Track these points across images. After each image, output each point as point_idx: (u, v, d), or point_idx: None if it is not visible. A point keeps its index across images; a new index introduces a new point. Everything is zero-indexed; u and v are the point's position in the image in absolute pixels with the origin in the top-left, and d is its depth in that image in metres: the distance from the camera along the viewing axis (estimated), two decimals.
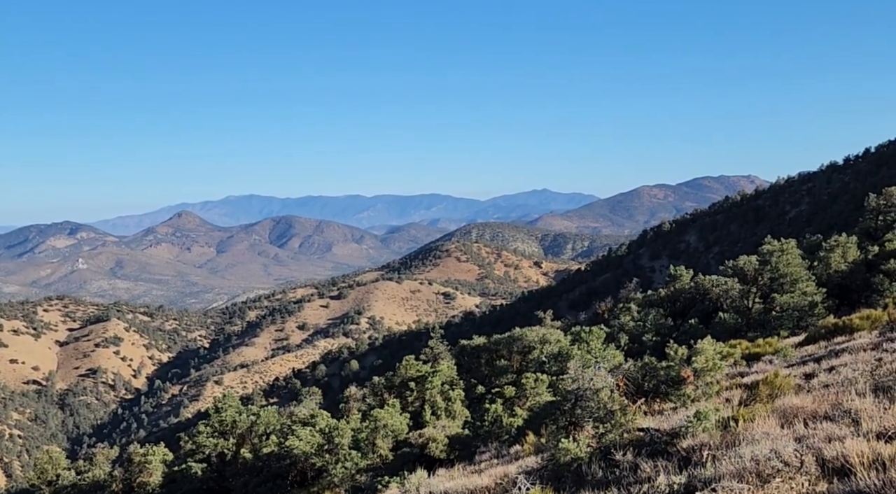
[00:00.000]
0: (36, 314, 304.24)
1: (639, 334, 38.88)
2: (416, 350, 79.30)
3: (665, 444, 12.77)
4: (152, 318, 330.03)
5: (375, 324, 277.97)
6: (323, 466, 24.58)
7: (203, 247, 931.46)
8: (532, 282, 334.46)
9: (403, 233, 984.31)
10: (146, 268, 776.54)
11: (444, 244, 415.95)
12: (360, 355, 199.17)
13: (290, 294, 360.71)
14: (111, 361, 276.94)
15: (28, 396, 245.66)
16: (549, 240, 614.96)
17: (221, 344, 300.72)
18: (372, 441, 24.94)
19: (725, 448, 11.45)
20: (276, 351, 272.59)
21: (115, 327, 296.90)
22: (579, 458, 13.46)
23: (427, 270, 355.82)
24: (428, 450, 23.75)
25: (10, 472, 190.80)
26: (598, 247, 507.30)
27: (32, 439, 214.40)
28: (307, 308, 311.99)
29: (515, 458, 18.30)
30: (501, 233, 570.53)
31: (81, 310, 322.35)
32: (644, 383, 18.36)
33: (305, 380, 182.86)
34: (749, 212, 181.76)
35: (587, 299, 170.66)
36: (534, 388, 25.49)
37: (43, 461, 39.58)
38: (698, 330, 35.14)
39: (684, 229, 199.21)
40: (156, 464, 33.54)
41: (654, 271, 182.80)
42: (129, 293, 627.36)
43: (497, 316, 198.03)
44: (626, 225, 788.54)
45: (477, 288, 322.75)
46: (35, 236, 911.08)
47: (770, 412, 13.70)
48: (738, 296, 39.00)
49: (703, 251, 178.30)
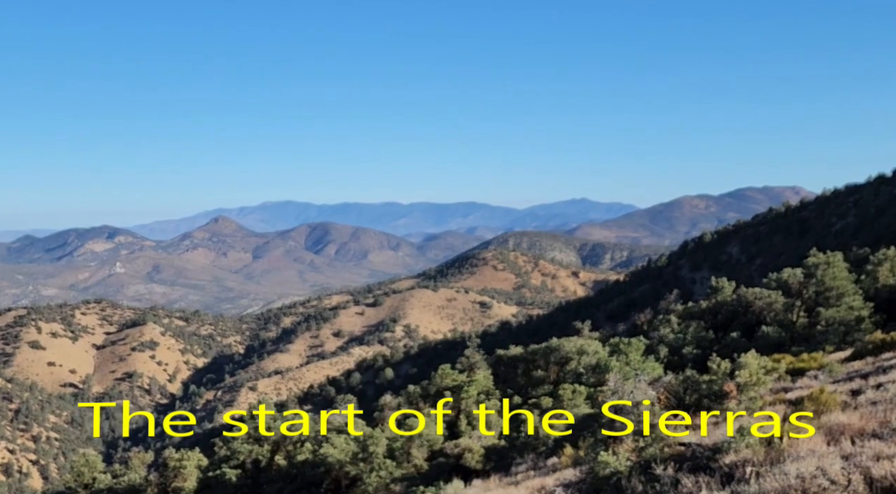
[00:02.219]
0: (74, 317, 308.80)
1: (679, 346, 38.34)
2: (451, 359, 79.16)
3: (707, 459, 12.56)
4: (188, 323, 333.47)
5: (411, 333, 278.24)
6: (357, 474, 24.52)
7: (239, 253, 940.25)
8: (569, 292, 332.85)
9: (440, 240, 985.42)
10: (183, 273, 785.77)
11: (481, 252, 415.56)
12: (395, 363, 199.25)
13: (325, 301, 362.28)
14: (147, 365, 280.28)
15: (65, 399, 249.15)
16: (587, 249, 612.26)
17: (256, 350, 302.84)
18: (407, 450, 24.84)
19: (770, 464, 11.23)
20: (310, 357, 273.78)
21: (151, 331, 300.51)
22: (619, 472, 13.26)
23: (463, 278, 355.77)
24: (463, 461, 23.58)
25: (46, 475, 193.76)
26: (637, 258, 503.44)
27: (69, 442, 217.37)
28: (342, 315, 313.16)
29: (552, 470, 18.10)
30: (539, 242, 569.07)
31: (118, 314, 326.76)
32: (685, 396, 18.08)
33: (340, 388, 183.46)
34: (794, 224, 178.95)
35: (626, 310, 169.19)
36: (571, 400, 25.20)
37: (79, 464, 40.03)
38: (741, 344, 34.56)
39: (726, 240, 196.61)
40: (190, 469, 33.75)
41: (694, 283, 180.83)
42: (166, 297, 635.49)
43: (534, 325, 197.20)
44: (666, 235, 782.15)
45: (513, 298, 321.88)
46: (74, 240, 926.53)
47: (816, 428, 13.41)
48: (782, 310, 38.35)
49: (746, 263, 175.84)
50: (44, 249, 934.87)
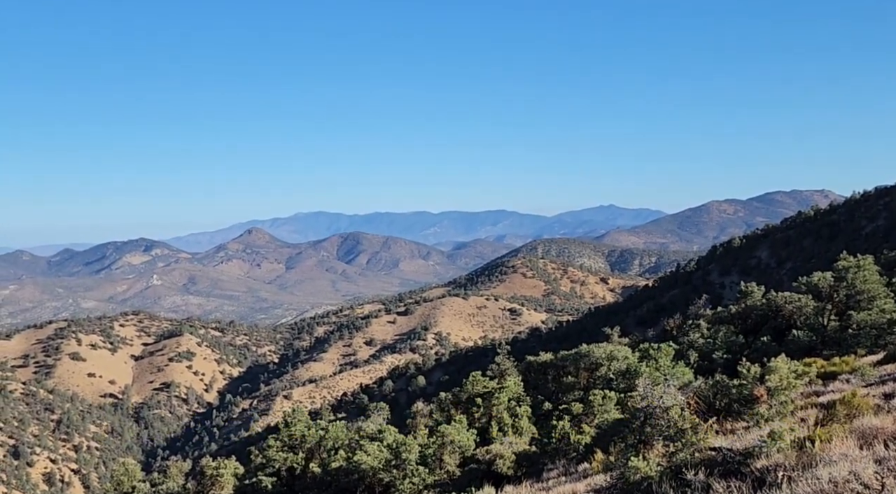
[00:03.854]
0: (112, 329, 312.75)
1: (709, 351, 38.13)
2: (482, 366, 79.20)
3: (738, 464, 12.56)
4: (223, 333, 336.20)
5: (442, 340, 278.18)
6: (390, 481, 24.73)
7: (272, 264, 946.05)
8: (598, 298, 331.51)
9: (469, 249, 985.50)
10: (217, 284, 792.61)
11: (510, 260, 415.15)
12: (427, 371, 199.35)
13: (357, 309, 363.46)
14: (184, 375, 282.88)
15: (105, 409, 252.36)
16: (615, 255, 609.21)
17: (290, 359, 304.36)
18: (439, 456, 25.00)
19: (801, 469, 11.20)
20: (343, 366, 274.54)
21: (187, 342, 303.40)
22: (649, 477, 13.31)
23: (493, 286, 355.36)
24: (495, 467, 23.69)
25: (87, 483, 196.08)
26: (665, 263, 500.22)
27: (109, 451, 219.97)
28: (374, 323, 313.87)
29: (584, 476, 18.16)
30: (567, 249, 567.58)
31: (156, 325, 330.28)
32: (716, 401, 18.08)
33: (373, 396, 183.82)
34: (823, 228, 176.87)
35: (655, 316, 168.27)
36: (602, 405, 25.22)
37: (119, 473, 40.52)
38: (771, 348, 34.30)
39: (755, 245, 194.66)
40: (227, 477, 34.11)
41: (723, 288, 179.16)
42: (202, 308, 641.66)
43: (563, 332, 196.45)
44: (694, 240, 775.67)
45: (543, 304, 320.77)
46: (112, 253, 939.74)
47: (848, 432, 13.35)
48: (813, 314, 37.98)
49: (775, 267, 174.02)
50: (83, 262, 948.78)
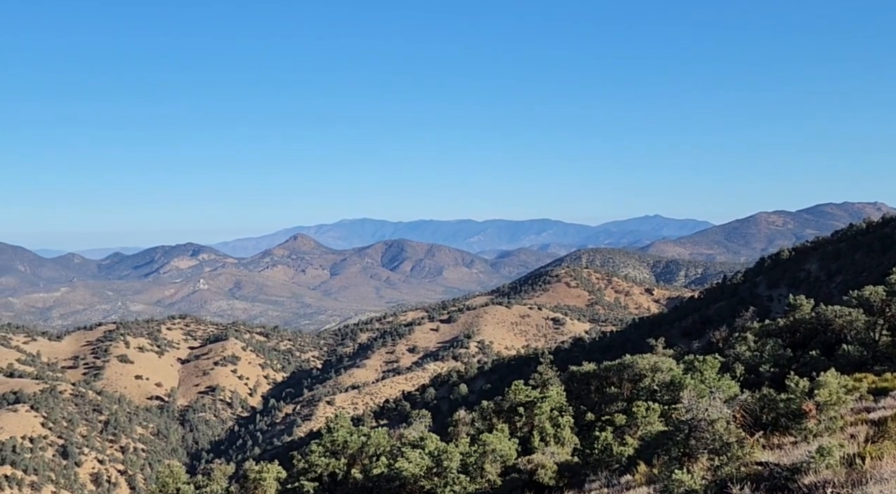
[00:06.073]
0: (160, 332, 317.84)
1: (755, 365, 37.52)
2: (524, 375, 78.98)
3: (785, 480, 12.37)
4: (268, 338, 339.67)
5: (485, 349, 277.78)
6: (431, 489, 24.74)
7: (317, 270, 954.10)
8: (643, 309, 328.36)
9: (513, 257, 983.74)
10: (263, 290, 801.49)
11: (554, 269, 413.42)
12: (469, 379, 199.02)
13: (400, 316, 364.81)
14: (229, 379, 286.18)
15: (151, 411, 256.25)
16: (660, 266, 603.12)
17: (333, 365, 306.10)
18: (480, 465, 24.95)
19: (851, 486, 11.01)
20: (386, 373, 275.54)
21: (233, 346, 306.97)
22: (694, 490, 13.17)
23: (536, 295, 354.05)
24: (537, 477, 23.59)
25: (133, 484, 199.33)
26: (711, 275, 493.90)
27: (155, 453, 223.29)
28: (417, 331, 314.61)
29: (626, 488, 18.02)
30: (612, 259, 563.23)
31: (202, 330, 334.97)
32: (762, 415, 17.82)
33: (415, 403, 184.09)
34: (875, 241, 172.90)
35: (700, 327, 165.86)
36: (645, 417, 24.98)
37: (164, 474, 41.03)
38: (820, 363, 33.68)
39: (805, 257, 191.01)
40: (270, 482, 34.39)
41: (771, 300, 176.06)
42: (247, 313, 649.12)
43: (607, 342, 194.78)
44: (741, 252, 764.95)
45: (586, 314, 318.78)
46: (160, 257, 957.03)
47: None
48: (864, 328, 37.18)
49: (825, 280, 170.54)
50: (132, 266, 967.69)
